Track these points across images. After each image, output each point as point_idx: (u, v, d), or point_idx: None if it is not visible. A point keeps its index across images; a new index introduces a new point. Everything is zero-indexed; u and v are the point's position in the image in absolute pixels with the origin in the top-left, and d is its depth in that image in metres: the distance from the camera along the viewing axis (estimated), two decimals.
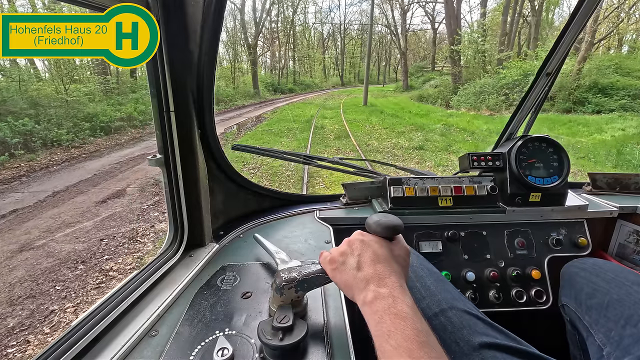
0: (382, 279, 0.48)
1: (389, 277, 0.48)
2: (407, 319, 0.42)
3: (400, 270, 0.51)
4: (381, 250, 0.52)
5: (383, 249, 0.53)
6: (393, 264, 0.51)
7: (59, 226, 3.67)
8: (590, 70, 11.97)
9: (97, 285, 2.66)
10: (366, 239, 0.55)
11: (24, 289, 2.59)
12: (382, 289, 0.46)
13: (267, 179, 5.30)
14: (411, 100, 19.31)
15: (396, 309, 0.43)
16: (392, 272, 0.49)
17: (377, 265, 0.50)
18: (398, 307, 0.43)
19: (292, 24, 37.88)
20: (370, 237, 0.55)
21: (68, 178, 5.39)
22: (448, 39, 18.94)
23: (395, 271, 0.50)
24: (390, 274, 0.48)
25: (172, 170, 0.80)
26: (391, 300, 0.44)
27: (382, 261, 0.51)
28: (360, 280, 0.49)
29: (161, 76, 0.72)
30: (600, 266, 0.83)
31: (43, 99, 7.77)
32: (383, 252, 0.52)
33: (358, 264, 0.51)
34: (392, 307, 0.43)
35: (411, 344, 0.39)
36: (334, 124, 10.54)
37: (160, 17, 0.68)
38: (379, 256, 0.51)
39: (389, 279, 0.47)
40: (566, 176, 1.08)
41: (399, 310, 0.43)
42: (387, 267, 0.50)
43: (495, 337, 0.60)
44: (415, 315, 0.43)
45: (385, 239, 0.56)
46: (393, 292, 0.45)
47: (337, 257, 0.55)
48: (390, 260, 0.52)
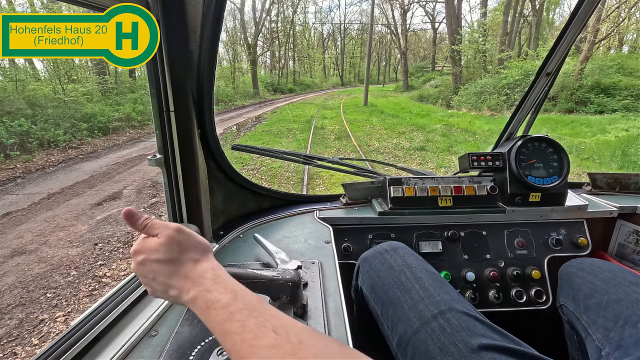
0: (182, 287, 0.44)
1: (188, 278, 0.44)
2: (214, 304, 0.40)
3: (197, 258, 0.47)
4: (160, 261, 0.46)
5: (161, 257, 0.46)
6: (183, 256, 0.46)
7: (52, 230, 3.62)
8: (592, 70, 11.94)
9: (89, 293, 2.60)
10: (138, 259, 0.47)
11: (13, 297, 2.52)
12: (190, 293, 0.43)
13: (267, 180, 5.28)
14: (411, 100, 19.30)
15: (205, 303, 0.41)
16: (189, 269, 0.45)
17: (172, 278, 0.45)
18: (206, 298, 0.41)
19: (292, 24, 37.89)
20: (140, 255, 0.47)
21: (64, 179, 5.36)
22: (448, 39, 18.93)
23: (191, 262, 0.46)
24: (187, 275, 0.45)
25: (171, 170, 0.80)
26: (200, 301, 0.42)
27: (172, 270, 0.45)
28: (175, 298, 0.45)
29: (161, 76, 0.72)
30: (598, 266, 0.83)
31: (40, 99, 7.74)
32: (162, 260, 0.46)
33: (162, 289, 0.46)
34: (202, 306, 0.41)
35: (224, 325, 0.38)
36: (334, 124, 10.53)
37: (160, 17, 0.68)
38: (166, 265, 0.46)
39: (189, 281, 0.44)
40: (566, 176, 1.08)
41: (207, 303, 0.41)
42: (182, 273, 0.45)
43: (494, 338, 0.60)
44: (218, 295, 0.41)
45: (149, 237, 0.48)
46: (197, 288, 0.43)
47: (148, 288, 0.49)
48: (178, 256, 0.46)
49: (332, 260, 0.84)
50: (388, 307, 0.74)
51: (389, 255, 0.85)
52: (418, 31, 46.70)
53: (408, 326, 0.67)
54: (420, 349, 0.63)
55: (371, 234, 1.09)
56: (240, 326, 0.37)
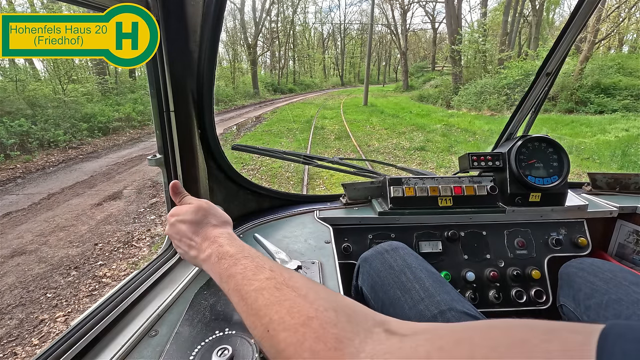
0: (201, 243, 0.54)
1: (207, 239, 0.54)
2: (224, 256, 0.49)
3: (215, 224, 0.57)
4: (187, 222, 0.57)
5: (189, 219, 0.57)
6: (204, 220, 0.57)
7: (52, 230, 3.61)
8: (592, 70, 11.94)
9: (89, 293, 2.60)
10: (171, 220, 0.59)
11: (13, 297, 2.52)
12: (204, 254, 0.52)
13: (267, 180, 5.27)
14: (411, 100, 19.30)
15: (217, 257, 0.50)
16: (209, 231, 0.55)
17: (193, 238, 0.56)
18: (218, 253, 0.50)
19: (292, 24, 37.89)
20: (172, 218, 0.59)
21: (64, 179, 5.34)
22: (448, 39, 18.93)
23: (211, 227, 0.56)
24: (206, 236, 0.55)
25: (172, 170, 0.80)
26: (214, 257, 0.50)
27: (195, 230, 0.56)
28: (194, 258, 0.55)
29: (161, 76, 0.72)
30: (598, 266, 0.83)
31: (40, 99, 7.73)
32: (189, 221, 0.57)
33: (187, 247, 0.57)
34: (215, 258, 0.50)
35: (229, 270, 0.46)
36: (334, 124, 10.53)
37: (160, 17, 0.68)
38: (191, 226, 0.57)
39: (204, 242, 0.54)
40: (566, 176, 1.08)
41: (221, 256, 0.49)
42: (202, 235, 0.55)
43: None
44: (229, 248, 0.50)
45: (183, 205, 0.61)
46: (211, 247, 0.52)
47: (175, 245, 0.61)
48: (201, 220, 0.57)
49: (332, 260, 0.84)
50: (388, 307, 0.74)
51: (389, 255, 0.85)
52: (418, 31, 46.76)
53: None
54: None
55: (371, 234, 1.09)
56: (243, 267, 0.45)
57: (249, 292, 0.41)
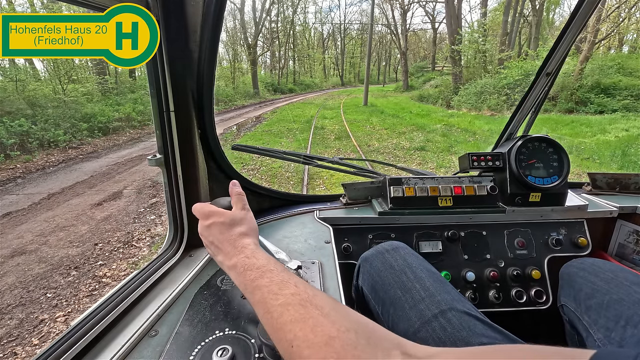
0: (230, 251, 0.56)
1: (233, 245, 0.56)
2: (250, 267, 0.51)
3: (241, 228, 0.59)
4: (221, 225, 0.59)
5: (222, 222, 0.60)
6: (235, 229, 0.59)
7: (52, 230, 3.60)
8: (592, 70, 11.93)
9: (89, 293, 2.60)
10: (206, 222, 0.61)
11: (13, 297, 2.52)
12: (231, 261, 0.54)
13: (266, 180, 5.27)
14: (412, 100, 19.30)
15: (243, 267, 0.51)
16: (235, 238, 0.57)
17: (223, 243, 0.57)
18: (244, 264, 0.52)
19: (292, 24, 37.88)
20: (208, 219, 0.61)
21: (64, 179, 5.34)
22: (448, 39, 18.92)
23: (238, 235, 0.58)
24: (234, 241, 0.57)
25: (172, 170, 0.80)
26: (240, 266, 0.52)
27: (225, 236, 0.58)
28: (221, 264, 0.58)
29: (161, 76, 0.72)
30: (599, 266, 0.83)
31: (40, 99, 7.72)
32: (223, 225, 0.59)
33: (214, 252, 0.59)
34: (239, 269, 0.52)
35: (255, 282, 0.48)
36: (334, 125, 10.52)
37: (160, 17, 0.68)
38: (222, 232, 0.59)
39: (234, 249, 0.56)
40: (566, 176, 1.08)
41: (245, 267, 0.51)
42: (229, 239, 0.57)
43: (495, 338, 0.60)
44: (253, 258, 0.52)
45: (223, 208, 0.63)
46: (239, 256, 0.54)
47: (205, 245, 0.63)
48: (232, 227, 0.59)
49: (332, 260, 0.84)
50: (389, 307, 0.74)
51: (389, 254, 0.85)
52: (418, 31, 46.77)
53: (409, 326, 0.67)
54: None
55: (371, 234, 1.09)
56: (269, 281, 0.47)
57: (274, 307, 0.43)
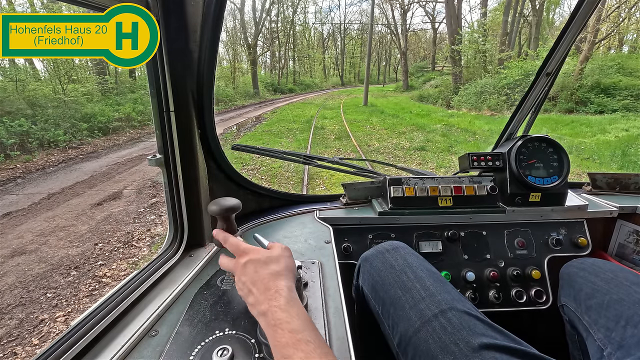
0: (262, 294, 0.51)
1: (266, 287, 0.51)
2: (282, 324, 0.46)
3: (276, 266, 0.55)
4: (257, 263, 0.55)
5: (258, 259, 0.56)
6: (270, 267, 0.55)
7: (52, 230, 3.60)
8: (592, 70, 11.93)
9: (89, 293, 2.60)
10: (243, 260, 0.57)
11: (13, 297, 2.52)
12: (262, 306, 0.50)
13: (266, 180, 5.27)
14: (411, 100, 19.30)
15: (273, 320, 0.47)
16: (269, 279, 0.53)
17: (256, 284, 0.53)
18: (274, 317, 0.47)
19: (292, 24, 37.88)
20: (245, 256, 0.57)
21: (64, 179, 5.33)
22: (448, 39, 18.92)
23: (271, 275, 0.53)
24: (268, 282, 0.52)
25: (172, 170, 0.80)
26: (270, 314, 0.48)
27: (259, 275, 0.54)
28: (252, 307, 0.53)
29: (161, 76, 0.72)
30: (599, 266, 0.83)
31: (40, 99, 7.72)
32: (258, 262, 0.55)
33: (246, 293, 0.54)
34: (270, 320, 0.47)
35: (286, 350, 0.43)
36: (334, 124, 10.52)
37: (160, 17, 0.68)
38: (257, 271, 0.54)
39: (266, 291, 0.51)
40: (566, 176, 1.08)
41: (275, 321, 0.46)
42: (264, 279, 0.53)
43: (495, 337, 0.60)
44: (288, 316, 0.46)
45: None
46: (270, 302, 0.49)
47: (238, 291, 0.58)
48: (267, 265, 0.55)
49: (332, 260, 0.84)
50: (389, 307, 0.74)
51: (389, 254, 0.85)
52: (418, 31, 46.77)
53: (409, 325, 0.67)
54: (421, 348, 0.63)
55: (371, 234, 1.09)
56: (304, 355, 0.42)
57: None
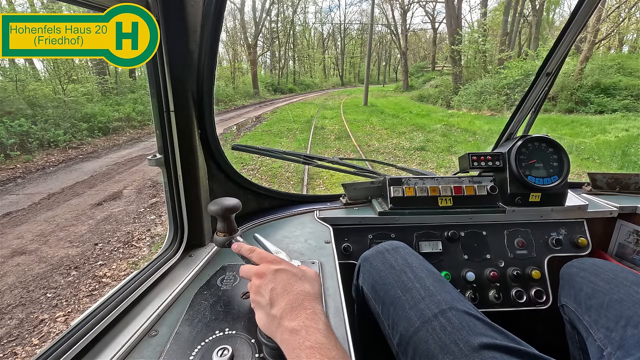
0: (294, 309, 0.46)
1: (301, 305, 0.47)
2: (322, 348, 0.41)
3: (311, 287, 0.51)
4: (292, 276, 0.51)
5: (294, 273, 0.52)
6: (305, 285, 0.50)
7: (52, 230, 3.60)
8: (592, 70, 11.93)
9: (89, 293, 2.60)
10: (275, 267, 0.53)
11: (13, 297, 2.52)
12: (294, 322, 0.45)
13: (267, 180, 5.28)
14: (411, 100, 19.30)
15: (310, 341, 0.42)
16: (304, 297, 0.48)
17: (288, 295, 0.48)
18: (312, 338, 0.42)
19: (292, 24, 37.88)
20: (279, 264, 0.54)
21: (64, 179, 5.34)
22: (448, 39, 18.93)
23: (307, 293, 0.49)
24: (303, 300, 0.48)
25: (172, 170, 0.80)
26: (304, 333, 0.43)
27: (293, 289, 0.49)
28: (274, 317, 0.47)
29: (161, 76, 0.72)
30: (599, 266, 0.83)
31: (40, 99, 7.72)
32: (294, 276, 0.51)
33: (270, 300, 0.49)
34: (305, 341, 0.42)
35: None
36: (334, 125, 10.52)
37: (160, 17, 0.68)
38: (291, 283, 0.50)
39: (301, 309, 0.46)
40: (566, 176, 1.08)
41: (313, 342, 0.42)
42: (298, 294, 0.48)
43: (495, 337, 0.60)
44: (329, 342, 0.42)
45: None
46: (306, 322, 0.44)
47: (254, 295, 0.53)
48: (302, 282, 0.51)
49: (332, 260, 0.84)
50: (389, 307, 0.74)
51: (389, 254, 0.85)
52: (418, 31, 46.76)
53: (409, 325, 0.67)
54: (421, 347, 0.63)
55: (371, 234, 1.09)
56: None
57: None
